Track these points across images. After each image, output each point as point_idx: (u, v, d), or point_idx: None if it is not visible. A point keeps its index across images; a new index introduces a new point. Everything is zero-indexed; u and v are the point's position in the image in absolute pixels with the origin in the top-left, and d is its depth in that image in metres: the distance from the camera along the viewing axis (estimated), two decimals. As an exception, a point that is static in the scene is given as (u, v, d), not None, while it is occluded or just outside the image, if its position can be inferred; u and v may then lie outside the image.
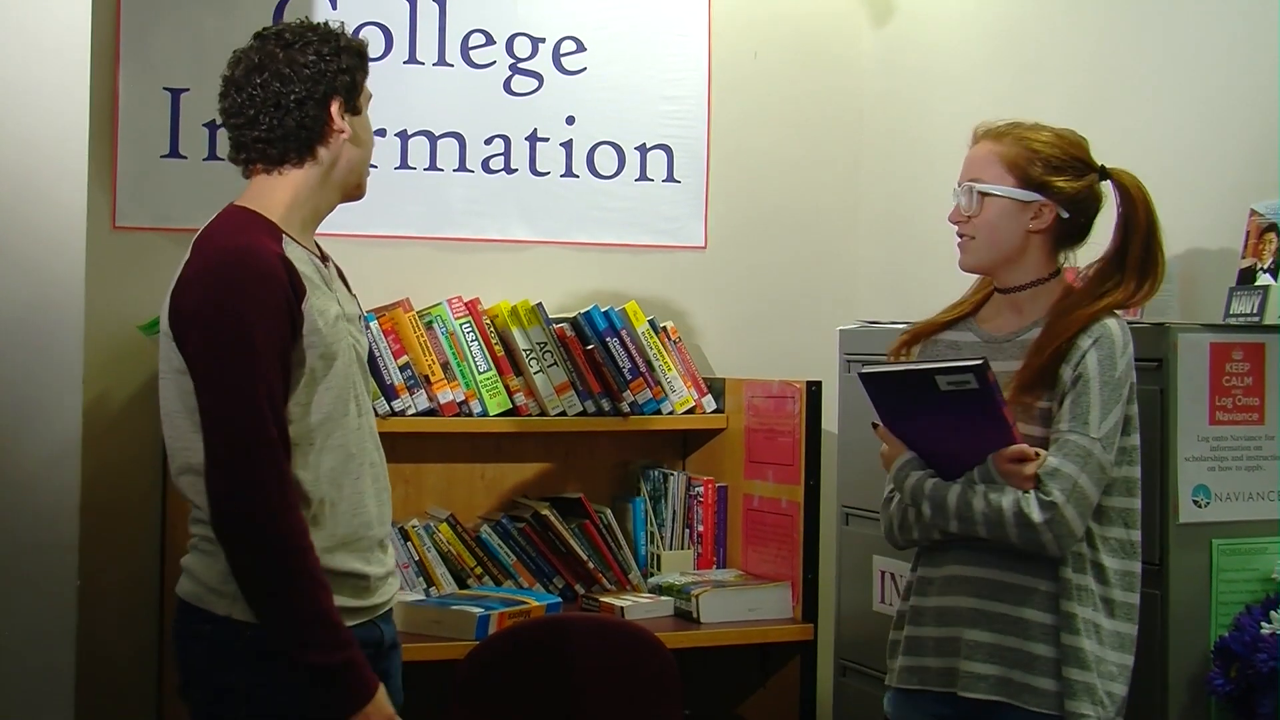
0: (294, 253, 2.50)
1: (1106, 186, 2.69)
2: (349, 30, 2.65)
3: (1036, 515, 2.46)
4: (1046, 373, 2.54)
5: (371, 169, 2.70)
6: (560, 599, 3.75)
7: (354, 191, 2.66)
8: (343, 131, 2.57)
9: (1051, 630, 2.53)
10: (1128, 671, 2.55)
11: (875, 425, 2.68)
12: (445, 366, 3.78)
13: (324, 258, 2.64)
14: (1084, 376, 2.51)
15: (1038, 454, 2.50)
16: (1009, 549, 2.53)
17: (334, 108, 2.56)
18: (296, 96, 2.54)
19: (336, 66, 2.57)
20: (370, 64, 2.66)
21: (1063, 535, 2.47)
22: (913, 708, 2.68)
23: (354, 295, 2.77)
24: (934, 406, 2.51)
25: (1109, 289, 2.60)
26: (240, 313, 2.40)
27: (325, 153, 2.57)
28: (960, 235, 2.68)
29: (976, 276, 2.77)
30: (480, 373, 3.81)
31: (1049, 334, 2.57)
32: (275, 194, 2.57)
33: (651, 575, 3.95)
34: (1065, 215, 2.63)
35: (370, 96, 2.66)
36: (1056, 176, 2.62)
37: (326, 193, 2.61)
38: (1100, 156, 3.68)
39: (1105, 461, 2.50)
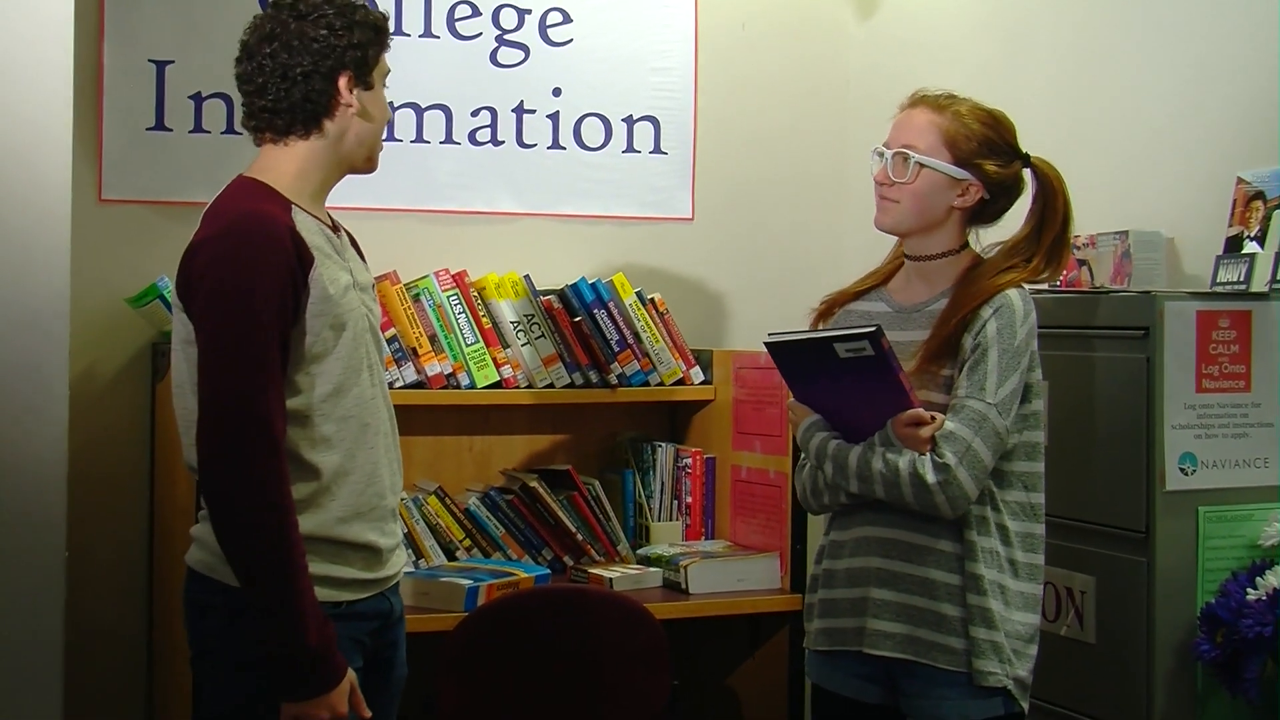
0: (303, 222, 2.51)
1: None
2: (368, 2, 2.63)
3: (930, 476, 2.51)
4: (951, 342, 2.60)
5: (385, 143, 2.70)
6: (549, 570, 3.75)
7: (363, 165, 2.65)
8: (350, 106, 2.57)
9: (958, 591, 2.57)
10: (1036, 631, 2.61)
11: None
12: (433, 339, 3.78)
13: (335, 227, 2.64)
14: (983, 344, 2.56)
15: (934, 418, 2.55)
16: (910, 510, 2.57)
17: (342, 82, 2.55)
18: (303, 69, 2.54)
19: (348, 41, 2.55)
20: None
21: (955, 497, 2.52)
22: (832, 669, 2.72)
23: (366, 264, 2.77)
24: (835, 373, 2.57)
25: (1016, 264, 2.65)
26: (245, 277, 2.40)
27: (332, 126, 2.57)
28: (882, 197, 2.70)
29: (893, 244, 2.81)
30: (468, 345, 3.80)
31: (953, 305, 2.62)
32: (282, 165, 2.57)
33: (640, 546, 3.96)
34: (988, 198, 2.67)
35: (388, 72, 2.65)
36: (988, 160, 2.66)
37: (333, 165, 2.61)
38: (1087, 125, 3.68)
39: (1001, 426, 2.54)
